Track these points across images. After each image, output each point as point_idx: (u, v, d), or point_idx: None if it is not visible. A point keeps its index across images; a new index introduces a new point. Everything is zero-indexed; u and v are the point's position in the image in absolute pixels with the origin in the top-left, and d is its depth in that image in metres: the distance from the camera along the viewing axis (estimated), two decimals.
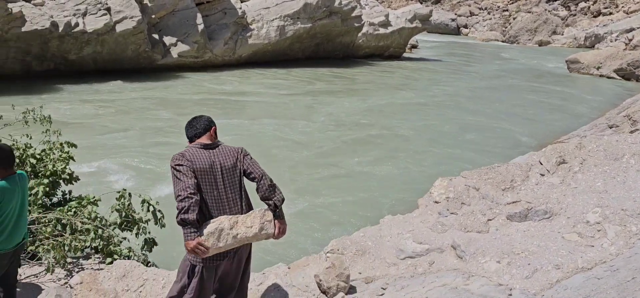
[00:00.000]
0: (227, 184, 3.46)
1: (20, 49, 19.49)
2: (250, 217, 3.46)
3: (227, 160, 3.49)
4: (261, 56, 27.70)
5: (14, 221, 3.83)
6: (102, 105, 17.10)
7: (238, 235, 3.37)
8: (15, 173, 3.89)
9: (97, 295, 4.60)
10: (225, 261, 3.51)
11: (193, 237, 3.20)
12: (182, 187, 3.21)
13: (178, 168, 3.29)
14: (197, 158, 3.38)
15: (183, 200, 3.17)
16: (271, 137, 14.10)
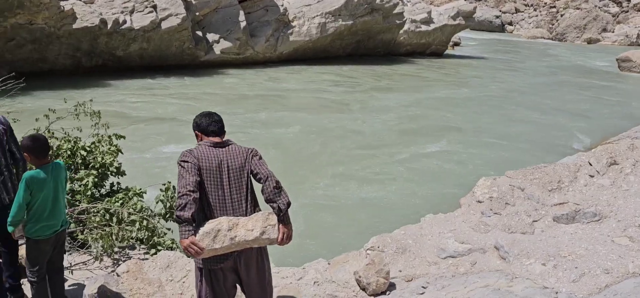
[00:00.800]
0: (233, 185, 3.38)
1: (71, 45, 20.19)
2: (252, 220, 3.32)
3: (235, 160, 3.42)
4: (302, 53, 27.82)
5: (49, 209, 3.95)
6: (148, 99, 17.56)
7: (236, 238, 3.23)
8: (50, 163, 4.03)
9: (143, 283, 4.72)
10: (228, 263, 3.36)
11: (187, 235, 3.10)
12: (183, 184, 3.17)
13: (182, 165, 3.26)
14: (205, 156, 3.33)
15: (181, 197, 3.12)
16: (315, 132, 14.21)
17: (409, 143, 13.41)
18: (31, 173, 3.90)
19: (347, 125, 15.17)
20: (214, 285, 3.37)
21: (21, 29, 18.45)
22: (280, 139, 13.41)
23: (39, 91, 16.17)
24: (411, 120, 16.10)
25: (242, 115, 15.94)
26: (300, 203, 9.13)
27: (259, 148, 3.64)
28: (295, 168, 11.23)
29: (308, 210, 8.81)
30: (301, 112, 16.46)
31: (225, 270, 3.37)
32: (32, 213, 3.91)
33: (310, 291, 4.47)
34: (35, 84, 15.55)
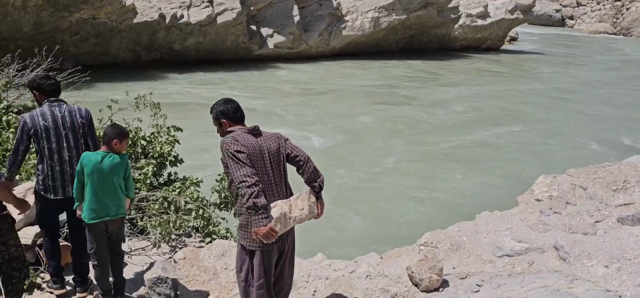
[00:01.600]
0: (274, 169, 3.49)
1: (132, 39, 20.92)
2: (299, 200, 3.52)
3: (271, 145, 3.52)
4: (354, 47, 27.75)
5: (97, 196, 4.08)
6: (205, 91, 17.99)
7: (295, 218, 3.46)
8: (114, 154, 4.15)
9: (198, 271, 4.84)
10: (278, 243, 3.51)
11: (265, 222, 3.22)
12: (246, 173, 3.22)
13: (238, 154, 3.27)
14: (249, 143, 3.38)
15: (251, 186, 3.18)
16: (372, 124, 14.22)
17: (467, 138, 13.17)
18: (87, 153, 4.08)
19: (409, 118, 15.18)
20: (265, 264, 3.49)
21: (85, 23, 19.26)
22: (353, 128, 13.52)
23: (101, 83, 16.83)
24: (470, 114, 15.81)
25: (317, 108, 16.26)
26: (355, 194, 9.14)
27: (332, 139, 3.72)
28: (353, 159, 11.28)
29: (362, 202, 8.79)
30: (359, 106, 16.46)
31: (274, 249, 3.52)
32: (85, 197, 4.08)
33: (362, 284, 4.46)
34: (97, 77, 16.19)
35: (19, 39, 17.65)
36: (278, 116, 15.16)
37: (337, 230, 7.60)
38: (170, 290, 4.58)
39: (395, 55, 28.69)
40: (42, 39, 17.24)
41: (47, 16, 18.21)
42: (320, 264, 4.83)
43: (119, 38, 20.63)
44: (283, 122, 14.40)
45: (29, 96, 9.22)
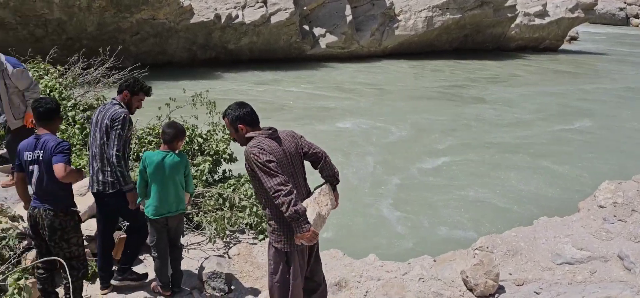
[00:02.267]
0: (297, 169, 3.55)
1: (188, 39, 21.48)
2: (322, 196, 3.57)
3: (290, 146, 3.54)
4: (407, 47, 27.45)
5: (157, 193, 4.22)
6: (259, 90, 18.26)
7: (325, 215, 3.53)
8: (172, 152, 4.29)
9: (252, 267, 4.92)
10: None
11: (307, 227, 3.28)
12: (280, 181, 3.23)
13: (269, 165, 3.27)
14: (273, 148, 3.39)
15: (288, 194, 3.22)
16: (438, 123, 14.14)
17: (529, 139, 12.78)
18: (149, 152, 4.24)
19: (474, 118, 14.92)
20: (299, 263, 3.57)
21: (145, 23, 19.91)
22: (421, 126, 13.58)
23: (159, 81, 17.34)
24: (534, 114, 15.39)
25: (388, 105, 16.42)
26: (412, 193, 9.04)
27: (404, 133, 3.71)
28: (414, 157, 11.22)
29: (418, 202, 8.69)
30: (432, 103, 16.44)
31: (306, 248, 3.59)
32: (148, 193, 4.25)
33: (415, 287, 4.41)
34: (156, 75, 16.70)
35: (83, 39, 18.45)
36: (354, 112, 15.32)
37: (390, 231, 7.54)
38: (224, 285, 4.68)
39: (448, 55, 28.19)
40: (104, 39, 17.96)
41: (110, 17, 18.94)
42: (373, 265, 4.80)
43: (176, 38, 21.21)
44: (362, 117, 14.59)
45: (93, 93, 9.63)
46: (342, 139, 12.63)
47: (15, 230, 4.95)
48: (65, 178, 3.77)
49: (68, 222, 3.98)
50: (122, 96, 4.49)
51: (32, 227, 4.02)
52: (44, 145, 3.87)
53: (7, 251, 4.63)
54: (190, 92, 8.03)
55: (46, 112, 3.98)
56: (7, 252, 4.63)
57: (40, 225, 3.93)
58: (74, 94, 9.30)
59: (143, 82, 4.60)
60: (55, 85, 8.59)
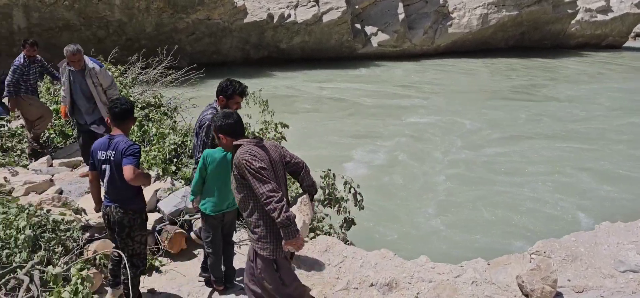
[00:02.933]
0: (280, 176, 3.57)
1: (242, 38, 21.87)
2: (304, 205, 3.65)
3: (275, 154, 3.57)
4: (460, 45, 26.93)
5: (217, 189, 4.27)
6: (311, 88, 18.37)
7: (309, 224, 3.63)
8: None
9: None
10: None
11: (297, 234, 3.33)
12: (272, 188, 3.29)
13: (262, 171, 3.32)
14: (263, 157, 3.43)
15: (279, 201, 3.27)
16: (500, 120, 13.90)
17: (585, 142, 12.26)
18: (209, 150, 4.31)
19: (538, 117, 14.59)
20: (289, 267, 3.69)
21: (200, 24, 20.42)
22: (491, 121, 13.39)
23: (213, 80, 17.69)
24: (592, 117, 14.76)
25: (453, 102, 16.34)
26: (468, 193, 8.87)
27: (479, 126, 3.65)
28: (473, 157, 11.05)
29: (474, 203, 8.52)
30: (495, 101, 16.20)
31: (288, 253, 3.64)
32: (204, 190, 4.31)
33: (467, 290, 4.31)
34: (210, 74, 17.10)
35: (142, 39, 19.11)
36: (426, 108, 15.29)
37: (443, 232, 7.41)
38: None
39: (504, 54, 27.43)
40: (162, 39, 18.53)
41: (167, 17, 19.53)
42: (424, 266, 4.73)
43: (230, 37, 21.63)
44: (435, 114, 14.54)
45: (150, 92, 9.96)
46: (414, 134, 12.63)
47: (78, 222, 5.18)
48: (133, 181, 3.89)
49: (136, 220, 4.12)
50: (218, 101, 4.46)
51: (105, 222, 4.20)
52: (116, 146, 3.99)
53: (70, 242, 4.84)
54: None
55: (121, 112, 4.08)
56: (71, 243, 4.84)
57: (112, 221, 4.10)
58: (133, 92, 9.65)
59: (237, 84, 4.47)
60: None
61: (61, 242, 4.77)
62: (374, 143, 11.99)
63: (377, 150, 11.46)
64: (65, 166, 7.33)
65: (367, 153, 11.23)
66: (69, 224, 5.00)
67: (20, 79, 7.35)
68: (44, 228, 4.76)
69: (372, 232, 7.31)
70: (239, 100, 4.47)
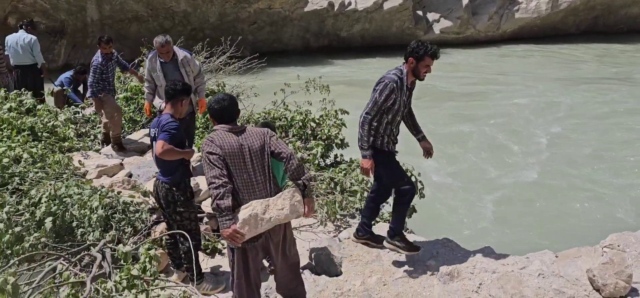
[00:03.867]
0: (256, 167, 3.46)
1: (302, 27, 21.99)
2: (281, 199, 3.47)
3: (254, 142, 3.49)
4: (528, 31, 25.84)
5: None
6: (371, 76, 18.23)
7: (271, 219, 3.40)
8: None
9: (362, 251, 4.93)
10: (259, 241, 3.51)
11: (228, 224, 3.26)
12: (216, 174, 3.27)
13: (209, 156, 3.33)
14: (226, 142, 3.40)
15: (218, 188, 3.24)
16: (589, 109, 13.34)
17: None
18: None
19: (627, 106, 13.89)
20: (248, 262, 3.54)
21: (262, 13, 20.69)
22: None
23: (274, 68, 17.97)
24: None
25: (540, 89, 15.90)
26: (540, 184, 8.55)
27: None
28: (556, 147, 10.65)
29: (543, 192, 8.20)
30: (583, 88, 15.65)
31: (257, 247, 3.54)
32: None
33: (533, 283, 4.16)
34: (271, 63, 17.34)
35: (206, 28, 19.60)
36: (508, 95, 14.96)
37: (508, 221, 7.19)
38: (334, 267, 4.75)
39: (575, 39, 26.07)
40: (224, 29, 18.93)
41: (230, 7, 19.92)
42: (488, 257, 4.61)
43: (291, 26, 21.79)
44: (519, 99, 14.13)
45: (215, 80, 10.20)
46: (492, 123, 12.31)
47: (146, 205, 5.40)
48: (161, 155, 4.05)
49: (180, 196, 4.27)
50: (408, 64, 4.24)
51: (155, 198, 4.40)
52: (159, 123, 4.22)
53: (139, 223, 5.06)
54: (304, 78, 8.24)
55: (172, 92, 4.33)
56: (139, 223, 5.06)
57: (160, 196, 4.28)
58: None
59: (429, 45, 4.16)
60: None
61: (130, 222, 4.99)
62: (451, 129, 11.72)
63: (449, 138, 11.17)
64: (134, 151, 7.65)
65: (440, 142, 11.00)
66: (137, 206, 5.23)
67: (100, 78, 7.32)
68: (115, 209, 5.00)
69: (434, 220, 7.19)
70: (429, 62, 4.21)
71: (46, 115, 7.71)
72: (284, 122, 7.14)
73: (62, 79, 10.09)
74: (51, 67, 17.43)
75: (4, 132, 6.87)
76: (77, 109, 8.77)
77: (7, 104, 7.76)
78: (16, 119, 7.14)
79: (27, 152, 6.12)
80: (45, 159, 6.23)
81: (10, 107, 7.68)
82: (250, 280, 3.61)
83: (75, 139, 7.76)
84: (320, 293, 4.38)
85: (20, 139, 6.69)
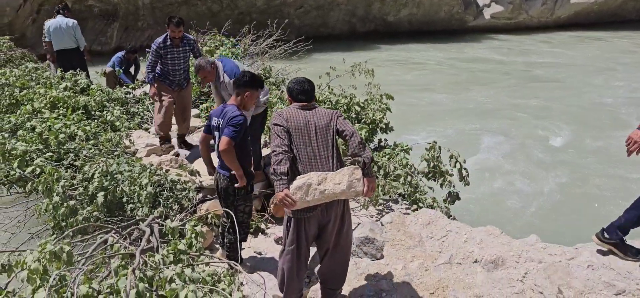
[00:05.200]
0: (320, 142, 3.58)
1: (348, 11, 21.86)
2: (340, 174, 3.49)
3: (321, 120, 3.63)
4: (584, 17, 24.87)
5: None
6: (416, 65, 18.01)
7: (326, 191, 3.44)
8: None
9: (404, 236, 4.90)
10: (316, 213, 3.58)
11: (281, 188, 3.37)
12: (277, 143, 3.46)
13: (274, 127, 3.53)
14: (293, 117, 3.58)
15: (277, 155, 3.41)
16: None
17: None
18: None
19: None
20: (300, 232, 3.63)
21: None
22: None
23: (320, 53, 17.97)
24: None
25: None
26: (592, 173, 8.25)
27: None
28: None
29: (596, 182, 7.91)
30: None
31: (311, 219, 3.61)
32: None
33: (582, 274, 4.03)
34: (317, 47, 17.34)
35: (253, 12, 19.77)
36: (485, 93, 14.47)
37: (559, 211, 6.98)
38: (376, 251, 4.74)
39: (635, 26, 24.89)
40: (271, 13, 19.05)
41: None
42: (534, 246, 4.49)
43: (337, 11, 21.71)
44: (484, 99, 13.68)
45: (260, 63, 10.30)
46: (540, 114, 11.95)
47: (193, 183, 5.54)
48: (224, 152, 3.99)
49: (240, 190, 4.27)
50: None
51: (215, 187, 4.41)
52: (224, 114, 4.14)
53: (186, 201, 5.20)
54: (350, 62, 8.20)
55: (238, 81, 4.22)
56: (186, 201, 5.19)
57: (219, 188, 4.30)
58: (244, 63, 10.04)
59: None
60: (228, 54, 9.32)
61: (177, 200, 5.12)
62: (505, 118, 11.44)
63: (504, 127, 10.92)
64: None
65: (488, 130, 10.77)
66: (184, 184, 5.36)
67: (155, 62, 6.57)
68: (163, 186, 5.14)
69: (478, 207, 7.06)
70: None
71: (99, 95, 7.98)
72: (328, 105, 7.14)
73: (114, 59, 10.42)
74: (104, 49, 18.07)
75: (60, 110, 7.16)
76: (127, 90, 9.04)
77: (63, 84, 8.08)
78: (71, 97, 7.42)
79: (81, 130, 6.36)
80: (97, 137, 6.47)
81: (65, 86, 7.99)
82: (300, 250, 3.68)
83: (126, 118, 7.99)
84: (361, 275, 4.39)
85: (74, 117, 6.96)
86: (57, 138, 5.91)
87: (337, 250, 3.79)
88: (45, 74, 8.92)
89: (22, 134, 6.04)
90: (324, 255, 3.84)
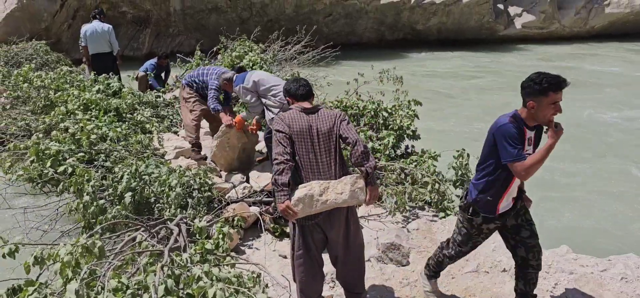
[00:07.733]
0: (322, 148, 3.52)
1: (377, 19, 21.83)
2: (342, 183, 3.47)
3: (324, 124, 3.54)
4: (619, 27, 24.26)
5: None
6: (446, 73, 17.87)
7: (328, 201, 3.41)
8: None
9: (431, 243, 4.86)
10: (318, 221, 3.55)
11: (283, 199, 3.36)
12: (279, 151, 3.40)
13: (277, 134, 3.47)
14: (295, 121, 3.50)
15: (278, 164, 3.36)
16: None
17: None
18: None
19: None
20: (306, 238, 3.62)
21: (337, 5, 20.73)
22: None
23: (348, 60, 17.98)
24: None
25: None
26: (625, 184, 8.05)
27: None
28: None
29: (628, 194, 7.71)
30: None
31: (314, 226, 3.59)
32: None
33: (615, 286, 3.93)
34: (345, 55, 17.35)
35: (282, 20, 19.91)
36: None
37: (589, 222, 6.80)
38: (402, 257, 4.71)
39: None
40: (300, 20, 19.13)
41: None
42: (564, 257, 4.40)
43: (366, 19, 21.69)
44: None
45: (289, 69, 10.36)
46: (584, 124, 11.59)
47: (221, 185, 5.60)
48: None
49: None
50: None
51: None
52: None
53: (213, 203, 5.25)
54: (378, 69, 8.19)
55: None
56: (213, 204, 5.25)
57: None
58: (272, 69, 10.12)
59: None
60: (257, 60, 9.41)
61: (205, 201, 5.18)
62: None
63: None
64: (210, 135, 7.92)
65: None
66: (212, 187, 5.42)
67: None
68: (191, 188, 5.21)
69: (544, 221, 6.90)
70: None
71: (130, 98, 8.14)
72: (356, 111, 7.13)
73: (147, 65, 10.65)
74: (136, 55, 18.45)
75: (92, 112, 7.33)
76: (158, 94, 9.20)
77: (95, 86, 8.27)
78: (103, 100, 7.59)
79: (112, 131, 6.49)
80: (128, 139, 6.59)
81: (98, 89, 8.18)
82: (311, 256, 3.66)
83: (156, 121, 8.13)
84: (386, 281, 4.36)
85: (106, 119, 7.11)
86: (88, 139, 6.04)
87: (348, 254, 3.74)
88: (79, 77, 9.16)
89: (55, 135, 6.20)
90: (335, 262, 3.82)
